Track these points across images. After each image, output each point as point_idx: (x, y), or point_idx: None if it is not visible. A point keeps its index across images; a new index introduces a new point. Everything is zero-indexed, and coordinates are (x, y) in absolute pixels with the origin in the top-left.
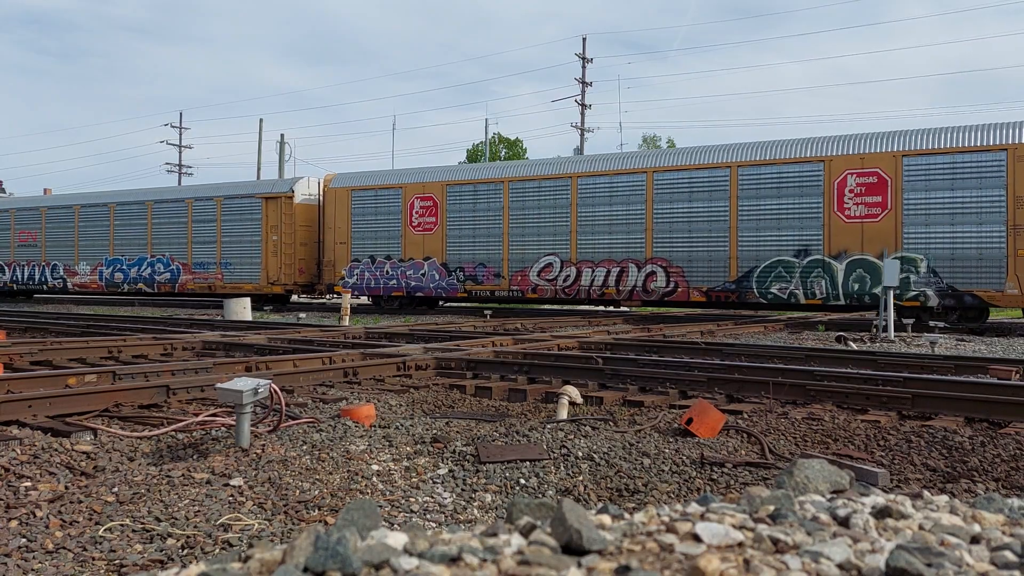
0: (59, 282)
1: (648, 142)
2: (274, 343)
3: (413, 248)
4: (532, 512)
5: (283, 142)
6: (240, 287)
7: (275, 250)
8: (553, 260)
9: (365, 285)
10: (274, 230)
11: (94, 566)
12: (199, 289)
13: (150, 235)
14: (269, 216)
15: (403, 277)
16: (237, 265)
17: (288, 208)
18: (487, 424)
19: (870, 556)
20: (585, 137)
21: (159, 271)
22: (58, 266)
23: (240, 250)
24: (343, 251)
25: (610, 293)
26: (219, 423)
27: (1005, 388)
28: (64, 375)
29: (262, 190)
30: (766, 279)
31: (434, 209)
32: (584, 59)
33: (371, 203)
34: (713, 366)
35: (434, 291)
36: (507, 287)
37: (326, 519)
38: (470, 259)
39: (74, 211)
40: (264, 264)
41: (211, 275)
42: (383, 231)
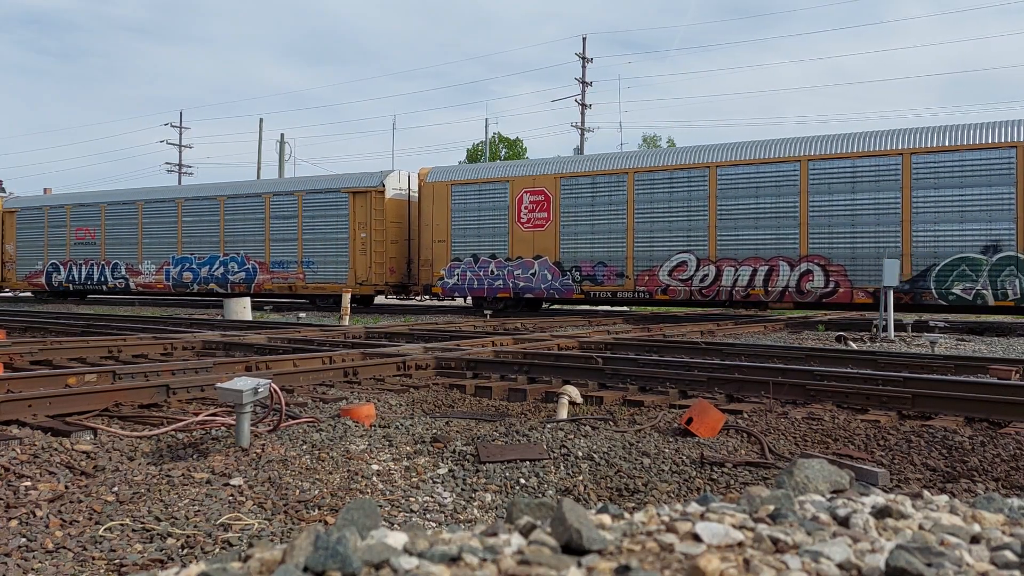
0: (120, 282)
1: (648, 142)
2: (274, 343)
3: (521, 246)
4: (532, 512)
5: (283, 142)
6: (323, 288)
7: (363, 248)
8: (687, 258)
9: (467, 286)
10: (362, 227)
11: (94, 566)
12: (278, 290)
13: (223, 232)
14: (357, 212)
15: (510, 277)
16: (321, 264)
17: (379, 203)
18: (487, 424)
19: (870, 556)
20: (585, 137)
21: (233, 271)
22: (119, 265)
23: (324, 248)
24: (442, 250)
25: (756, 294)
26: (219, 423)
27: (1005, 388)
28: (64, 375)
29: (349, 184)
30: (947, 278)
31: (546, 204)
32: (584, 59)
33: (474, 198)
34: (713, 366)
35: (546, 292)
36: (632, 288)
37: (326, 519)
38: (588, 257)
39: (137, 207)
40: (352, 263)
41: (292, 275)
42: (487, 228)
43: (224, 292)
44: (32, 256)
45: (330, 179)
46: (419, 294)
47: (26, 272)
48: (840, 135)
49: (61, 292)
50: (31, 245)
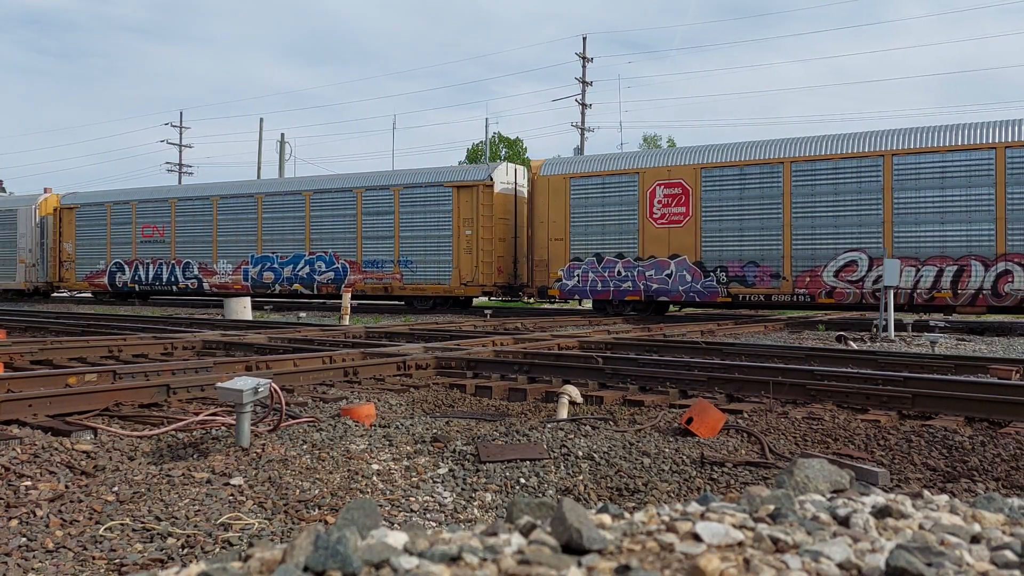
0: (193, 282)
1: (649, 141)
2: (274, 342)
3: (655, 244)
4: (532, 511)
5: (283, 142)
6: (423, 289)
7: (468, 246)
8: (858, 257)
9: (589, 288)
10: (467, 223)
11: (94, 565)
12: (371, 291)
13: (308, 229)
14: (461, 207)
15: (641, 278)
16: (420, 263)
17: (486, 198)
18: (487, 423)
19: (870, 556)
20: (585, 137)
21: (320, 270)
22: (191, 264)
23: (425, 246)
24: (559, 248)
25: (942, 297)
26: (219, 422)
27: (1005, 388)
28: (64, 374)
29: (452, 177)
30: None
31: (683, 198)
32: (584, 59)
33: (597, 192)
34: (713, 366)
35: (684, 295)
36: (790, 290)
37: (326, 518)
38: (735, 257)
39: (212, 203)
40: (455, 262)
41: (387, 275)
42: (612, 225)
43: (310, 293)
44: (93, 255)
45: (431, 172)
46: (532, 296)
47: (87, 272)
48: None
49: (126, 293)
50: (92, 243)
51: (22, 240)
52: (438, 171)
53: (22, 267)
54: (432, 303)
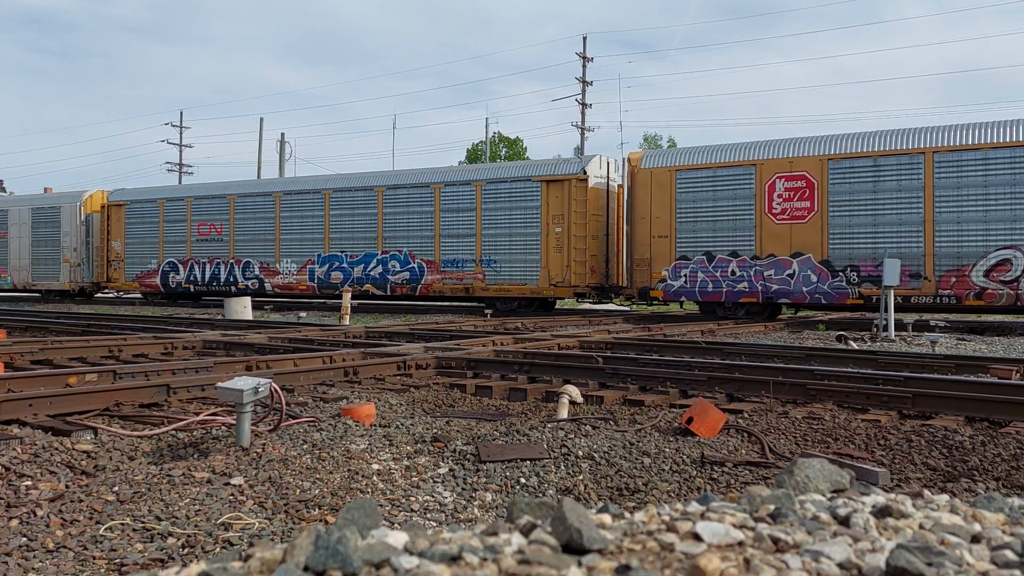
0: (253, 283)
1: (649, 141)
2: (275, 342)
3: (774, 242)
4: (532, 511)
5: (283, 141)
6: (508, 289)
7: (559, 245)
8: (1012, 255)
9: (698, 288)
10: (558, 220)
11: (95, 565)
12: (451, 291)
13: (381, 227)
14: (551, 203)
15: (758, 279)
16: (505, 263)
17: (580, 193)
18: (487, 423)
19: (870, 555)
20: (586, 136)
21: (394, 270)
22: (252, 264)
23: (510, 245)
24: (663, 246)
25: None
26: (220, 422)
27: (1005, 387)
28: (64, 374)
29: (542, 171)
30: None
31: (807, 191)
32: (584, 58)
33: (706, 186)
34: (713, 365)
35: (808, 296)
36: (932, 291)
37: (326, 518)
38: (868, 255)
39: (274, 199)
40: (544, 261)
41: (468, 275)
42: (725, 221)
43: (383, 295)
44: (144, 254)
45: (517, 166)
46: (632, 298)
47: (137, 272)
48: None
49: (179, 294)
50: (143, 242)
51: (66, 239)
52: (526, 165)
53: (66, 267)
54: (516, 304)
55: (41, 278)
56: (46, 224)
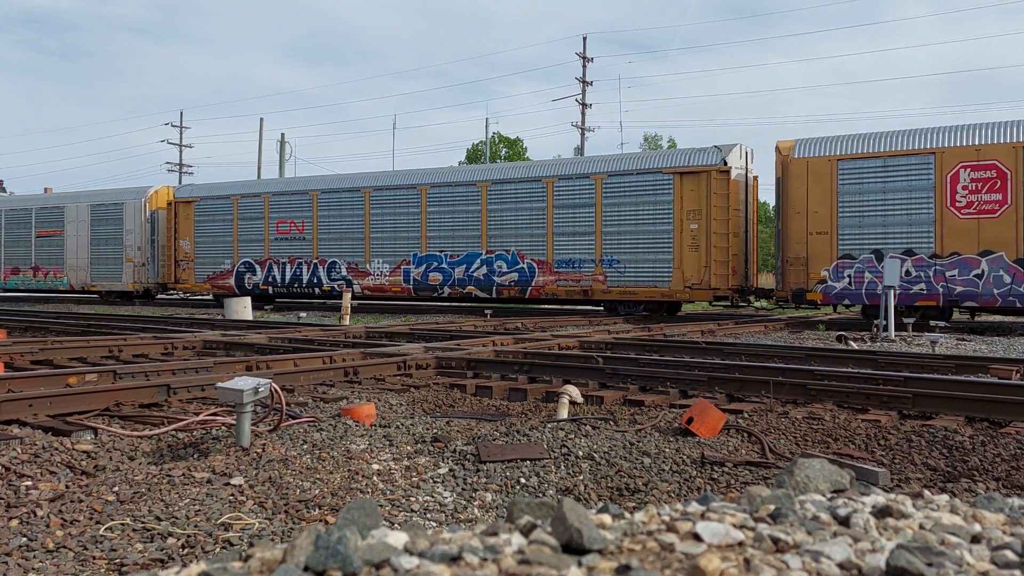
0: (340, 284)
1: (650, 141)
2: (275, 342)
3: (958, 238)
4: (532, 511)
5: (283, 141)
6: (634, 292)
7: (695, 243)
8: None
9: (864, 291)
10: (693, 216)
11: (95, 565)
12: (566, 294)
13: (485, 224)
14: (685, 197)
15: (939, 280)
16: (631, 263)
17: (721, 186)
18: (488, 423)
19: (871, 555)
20: (586, 136)
21: (500, 271)
22: (338, 264)
23: (635, 243)
24: (822, 244)
25: None
26: (220, 422)
27: (1005, 388)
28: (65, 374)
29: (674, 162)
30: None
31: (998, 182)
32: (585, 58)
33: (874, 176)
34: (714, 365)
35: (1000, 299)
36: None
37: (327, 518)
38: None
39: (363, 195)
40: (678, 261)
41: (586, 275)
42: (898, 216)
43: (488, 297)
44: (217, 254)
45: (644, 157)
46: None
47: (209, 272)
48: None
49: (256, 296)
50: (215, 241)
51: (129, 237)
52: (654, 155)
53: (129, 267)
54: (642, 308)
55: (101, 279)
56: (107, 221)
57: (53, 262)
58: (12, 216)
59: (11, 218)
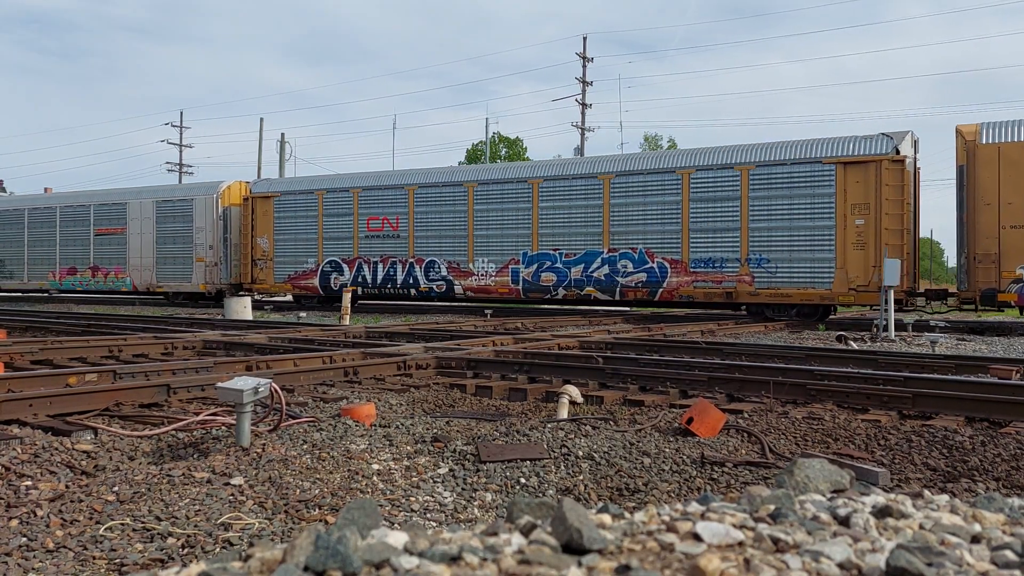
0: (439, 284)
1: (649, 141)
2: (275, 342)
3: None
4: (532, 511)
5: (283, 141)
6: (787, 295)
7: (861, 241)
8: None
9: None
10: (859, 210)
11: (95, 565)
12: (704, 296)
13: (607, 220)
14: (849, 189)
15: None
16: (783, 262)
17: (893, 177)
18: (487, 423)
19: (870, 555)
20: (586, 136)
21: (625, 271)
22: (437, 263)
23: (789, 241)
24: (1017, 239)
25: None
26: (219, 422)
27: (1005, 388)
28: (65, 374)
29: (836, 151)
30: None
31: None
32: (584, 58)
33: None
34: (714, 365)
35: None
36: None
37: (327, 518)
38: None
39: (466, 189)
40: (841, 261)
41: (729, 276)
42: None
43: (611, 300)
44: (299, 252)
45: (798, 146)
46: (970, 303)
47: (290, 272)
48: None
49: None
50: (297, 238)
51: (200, 235)
52: (812, 144)
53: (200, 266)
54: (794, 312)
55: (169, 279)
56: (174, 219)
57: (114, 262)
58: (68, 213)
59: (67, 215)
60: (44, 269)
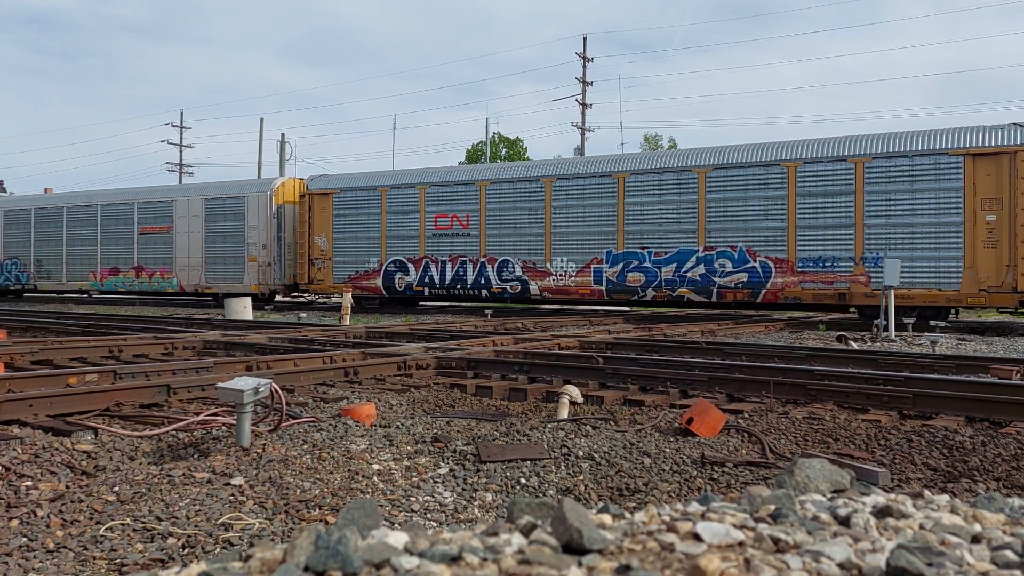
0: (514, 285)
1: (649, 141)
2: (275, 342)
3: None
4: (533, 511)
5: (283, 141)
6: (908, 295)
7: (993, 238)
8: None
9: None
10: (990, 205)
11: (95, 565)
12: (813, 298)
13: (703, 216)
14: (979, 183)
15: None
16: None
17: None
18: (488, 423)
19: (871, 555)
20: (586, 137)
21: (723, 270)
22: (511, 263)
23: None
24: None
25: None
26: (220, 422)
27: (1006, 388)
28: (65, 374)
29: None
30: None
31: None
32: (585, 58)
33: None
34: (714, 365)
35: None
36: None
37: (327, 518)
38: None
39: (543, 185)
40: (970, 260)
41: (843, 276)
42: None
43: (706, 301)
44: (360, 252)
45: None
46: None
47: (350, 272)
48: None
49: (409, 299)
50: (359, 237)
51: (252, 234)
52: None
53: (253, 266)
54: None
55: (219, 280)
56: (225, 217)
57: (160, 262)
58: (110, 211)
59: (108, 213)
60: (84, 269)
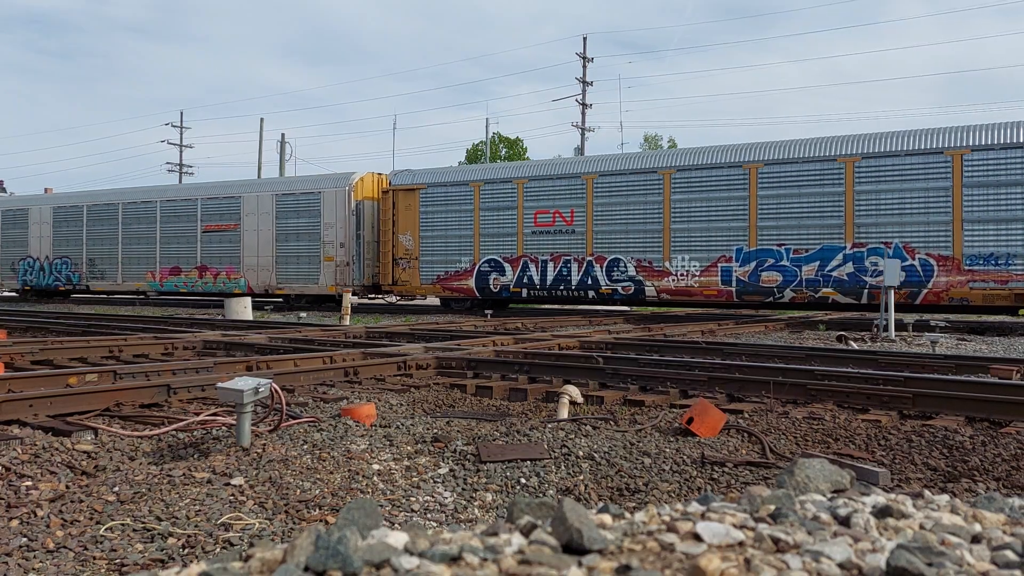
0: (625, 286)
1: (650, 141)
2: (275, 343)
3: None
4: (533, 511)
5: (284, 142)
6: None
7: None
8: None
9: None
10: None
11: (95, 565)
12: (983, 299)
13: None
14: None
15: None
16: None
17: None
18: (488, 423)
19: (871, 555)
20: (586, 136)
21: (874, 268)
22: (622, 262)
23: None
24: None
25: None
26: (220, 422)
27: (1006, 387)
28: (65, 374)
29: None
30: None
31: None
32: (585, 59)
33: None
34: (714, 365)
35: None
36: None
37: (327, 518)
38: None
39: (661, 177)
40: None
41: (1017, 274)
42: None
43: (855, 303)
44: (449, 250)
45: None
46: None
47: (439, 272)
48: None
49: (504, 300)
50: (448, 235)
51: (328, 232)
52: None
53: (329, 266)
54: None
55: (291, 280)
56: (298, 214)
57: (226, 261)
58: (170, 208)
59: (168, 210)
60: (142, 269)
